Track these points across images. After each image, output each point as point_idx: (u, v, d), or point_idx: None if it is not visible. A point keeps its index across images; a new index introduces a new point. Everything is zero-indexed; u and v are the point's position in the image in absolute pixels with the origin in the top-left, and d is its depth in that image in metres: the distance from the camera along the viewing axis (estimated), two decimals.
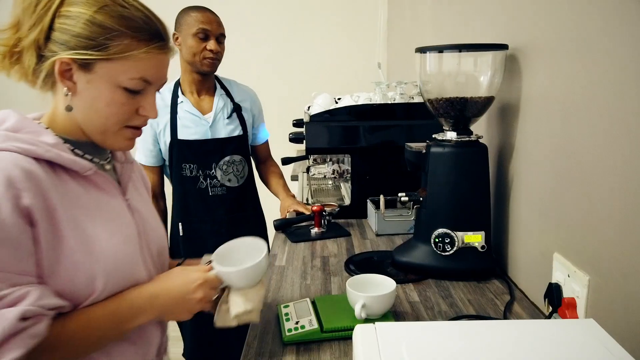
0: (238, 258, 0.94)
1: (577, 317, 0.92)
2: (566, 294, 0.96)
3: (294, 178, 2.78)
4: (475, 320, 0.92)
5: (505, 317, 1.06)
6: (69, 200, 0.77)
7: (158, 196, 1.89)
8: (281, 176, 2.06)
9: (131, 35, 0.78)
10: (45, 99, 0.83)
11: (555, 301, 0.97)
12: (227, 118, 1.85)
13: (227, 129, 1.84)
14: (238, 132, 1.87)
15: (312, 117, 1.78)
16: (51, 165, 0.77)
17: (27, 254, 0.71)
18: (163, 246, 0.98)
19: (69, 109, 0.80)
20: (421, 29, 2.33)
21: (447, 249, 1.23)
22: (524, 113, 1.18)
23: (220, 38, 1.77)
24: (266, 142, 2.06)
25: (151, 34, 0.80)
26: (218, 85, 1.90)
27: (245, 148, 1.91)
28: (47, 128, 0.81)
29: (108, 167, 0.90)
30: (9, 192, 0.69)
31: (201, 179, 1.81)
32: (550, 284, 0.99)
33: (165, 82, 0.87)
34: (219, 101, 1.85)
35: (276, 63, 3.39)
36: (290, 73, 3.38)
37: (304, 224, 1.72)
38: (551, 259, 1.02)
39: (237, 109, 1.88)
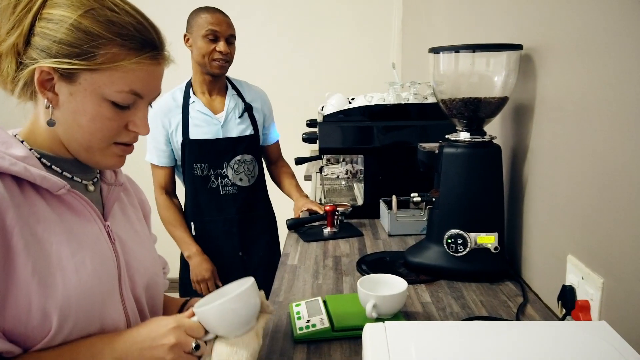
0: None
1: (591, 320, 0.91)
2: (580, 296, 0.95)
3: (308, 178, 2.78)
4: (486, 321, 0.92)
5: (518, 319, 1.05)
6: (33, 222, 0.68)
7: (171, 194, 1.91)
8: (293, 176, 2.07)
9: (120, 43, 0.70)
10: (25, 109, 0.76)
11: (569, 304, 0.96)
12: (239, 118, 1.86)
13: (239, 128, 1.86)
14: (249, 131, 1.88)
15: (326, 117, 1.79)
16: (18, 181, 0.69)
17: None
18: (154, 281, 0.87)
19: (51, 123, 0.72)
20: (436, 29, 2.32)
21: (460, 250, 1.23)
22: (538, 113, 1.17)
23: (230, 39, 1.78)
24: (277, 142, 2.07)
25: (143, 42, 0.72)
26: (229, 86, 1.91)
27: (256, 148, 1.92)
28: (22, 141, 0.74)
29: (92, 188, 0.81)
30: None
31: (212, 179, 1.83)
32: (564, 286, 0.98)
33: (159, 94, 0.80)
34: (231, 101, 1.86)
35: (290, 63, 3.41)
36: (304, 73, 3.40)
37: (316, 223, 1.72)
38: (565, 261, 1.01)
39: (248, 108, 1.89)
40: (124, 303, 0.79)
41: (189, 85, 1.86)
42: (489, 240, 1.23)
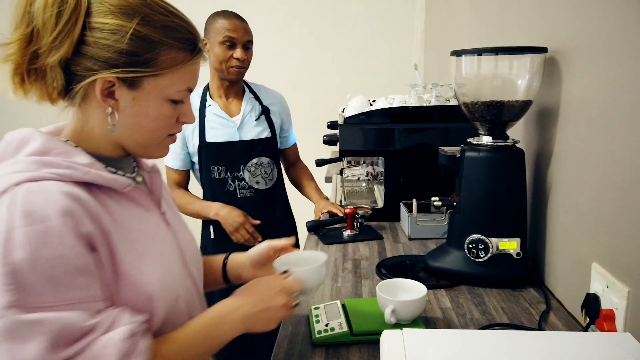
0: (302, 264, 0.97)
1: (616, 330, 0.89)
2: (604, 305, 0.93)
3: (328, 180, 2.79)
4: (507, 330, 0.91)
5: (540, 327, 1.03)
6: (115, 220, 0.73)
7: (184, 189, 1.90)
8: (312, 178, 2.06)
9: (177, 47, 0.74)
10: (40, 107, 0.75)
11: (593, 313, 0.94)
12: (255, 120, 1.85)
13: (255, 130, 1.85)
14: (266, 134, 1.87)
15: (347, 119, 1.78)
16: (87, 186, 0.72)
17: (96, 279, 0.68)
18: (197, 256, 0.95)
19: (113, 129, 0.75)
20: (459, 31, 2.30)
21: (481, 255, 1.21)
22: (563, 117, 1.14)
23: (247, 44, 1.77)
24: (295, 145, 2.06)
25: (193, 42, 0.77)
26: (247, 89, 1.90)
27: (274, 150, 1.90)
28: (76, 146, 0.76)
29: (139, 179, 0.86)
30: (67, 223, 0.65)
31: (229, 181, 1.82)
32: (588, 295, 0.96)
33: None
34: (247, 104, 1.86)
35: (311, 64, 3.41)
36: (325, 75, 3.40)
37: (336, 226, 1.72)
38: (589, 268, 0.99)
39: (265, 111, 1.88)
40: (191, 277, 0.88)
41: (206, 89, 1.86)
42: (511, 245, 1.21)
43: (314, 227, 1.71)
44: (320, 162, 1.99)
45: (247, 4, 2.66)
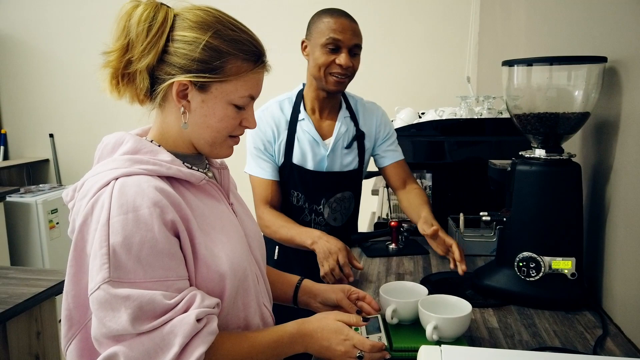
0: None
1: None
2: None
3: (375, 192, 2.76)
4: (558, 353, 0.85)
5: (595, 353, 0.97)
6: (192, 209, 0.83)
7: (276, 209, 1.59)
8: (427, 202, 1.60)
9: (242, 58, 0.84)
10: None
11: None
12: (346, 148, 1.59)
13: (345, 160, 1.60)
14: (354, 165, 1.61)
15: (395, 131, 1.76)
16: (169, 179, 0.83)
17: (180, 260, 0.79)
18: (261, 242, 1.04)
19: (185, 126, 0.86)
20: (514, 42, 2.23)
21: (532, 274, 1.15)
22: (624, 131, 1.08)
23: (354, 49, 1.50)
24: (401, 163, 1.66)
25: (257, 54, 0.86)
26: (344, 105, 1.63)
27: (358, 182, 1.68)
28: (159, 145, 0.87)
29: (210, 174, 0.96)
30: (155, 211, 0.76)
31: (306, 212, 1.60)
32: None
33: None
34: (342, 126, 1.59)
35: (359, 75, 3.38)
36: (374, 86, 3.36)
37: (381, 239, 1.69)
38: None
39: (359, 137, 1.62)
40: (257, 263, 0.98)
41: (300, 97, 1.59)
42: (565, 265, 1.14)
43: (359, 240, 1.68)
44: (366, 175, 1.97)
45: (291, 12, 2.68)
